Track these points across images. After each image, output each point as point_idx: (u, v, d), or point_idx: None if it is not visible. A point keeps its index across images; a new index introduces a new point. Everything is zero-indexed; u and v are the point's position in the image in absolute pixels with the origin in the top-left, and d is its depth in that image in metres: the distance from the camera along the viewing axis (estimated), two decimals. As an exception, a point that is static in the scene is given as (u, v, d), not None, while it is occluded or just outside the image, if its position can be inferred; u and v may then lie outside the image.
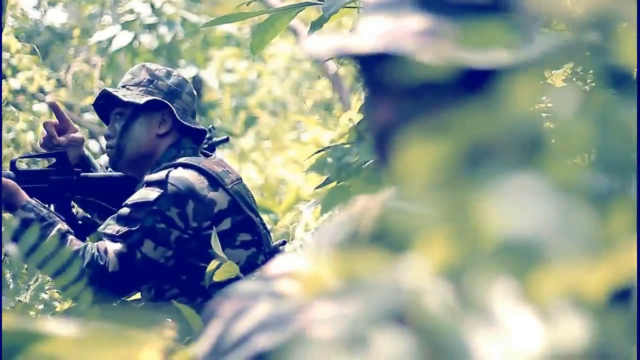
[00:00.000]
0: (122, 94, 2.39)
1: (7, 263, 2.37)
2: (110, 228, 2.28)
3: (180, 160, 2.34)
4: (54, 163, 2.45)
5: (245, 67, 7.70)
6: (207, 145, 2.68)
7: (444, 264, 0.56)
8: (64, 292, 2.17)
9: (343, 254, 0.60)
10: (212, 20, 2.18)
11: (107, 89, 2.41)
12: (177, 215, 2.26)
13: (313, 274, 0.67)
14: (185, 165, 2.32)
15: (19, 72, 4.98)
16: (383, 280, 0.57)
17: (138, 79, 2.42)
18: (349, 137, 1.95)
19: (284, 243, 2.46)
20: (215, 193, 2.30)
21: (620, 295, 0.57)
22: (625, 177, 0.59)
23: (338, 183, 1.74)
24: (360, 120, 1.92)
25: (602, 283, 0.54)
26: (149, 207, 2.26)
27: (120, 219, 2.28)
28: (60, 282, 1.82)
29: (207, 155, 2.46)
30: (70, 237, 2.27)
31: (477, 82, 0.87)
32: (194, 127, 2.42)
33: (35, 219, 2.25)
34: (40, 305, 2.37)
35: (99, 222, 2.44)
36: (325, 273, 0.64)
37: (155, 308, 2.33)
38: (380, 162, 0.95)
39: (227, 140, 2.87)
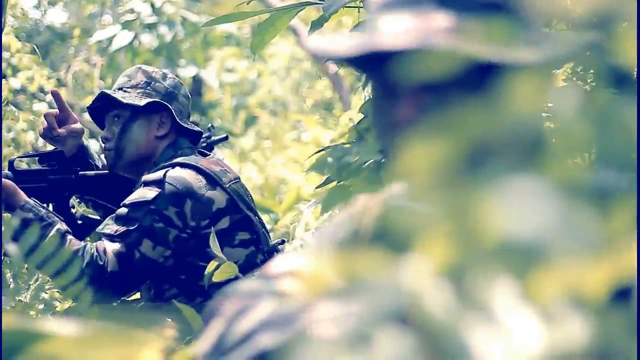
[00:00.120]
0: (120, 96, 2.38)
1: (7, 263, 2.37)
2: (109, 228, 2.28)
3: (178, 160, 2.33)
4: (52, 162, 2.44)
5: (246, 66, 7.70)
6: (205, 144, 2.68)
7: (445, 264, 0.56)
8: (64, 292, 2.17)
9: (344, 254, 0.60)
10: (212, 20, 2.18)
11: (105, 91, 2.40)
12: (175, 215, 2.26)
13: (315, 273, 0.67)
14: (183, 165, 2.31)
15: (19, 71, 4.98)
16: (384, 280, 0.57)
17: (135, 81, 2.42)
18: (349, 136, 1.95)
19: (283, 242, 2.46)
20: (213, 192, 2.30)
21: (621, 295, 0.57)
22: (625, 176, 0.59)
23: (338, 183, 1.74)
24: (361, 120, 1.92)
25: (602, 282, 0.54)
26: (147, 206, 2.26)
27: (119, 219, 2.27)
28: (60, 282, 1.82)
29: (205, 155, 2.45)
30: (70, 237, 2.26)
31: (491, 79, 0.88)
32: (191, 128, 2.42)
33: (34, 219, 2.24)
34: (41, 305, 2.36)
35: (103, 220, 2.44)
36: (327, 272, 0.64)
37: (155, 308, 2.33)
38: (391, 160, 0.95)
39: (226, 139, 2.87)
